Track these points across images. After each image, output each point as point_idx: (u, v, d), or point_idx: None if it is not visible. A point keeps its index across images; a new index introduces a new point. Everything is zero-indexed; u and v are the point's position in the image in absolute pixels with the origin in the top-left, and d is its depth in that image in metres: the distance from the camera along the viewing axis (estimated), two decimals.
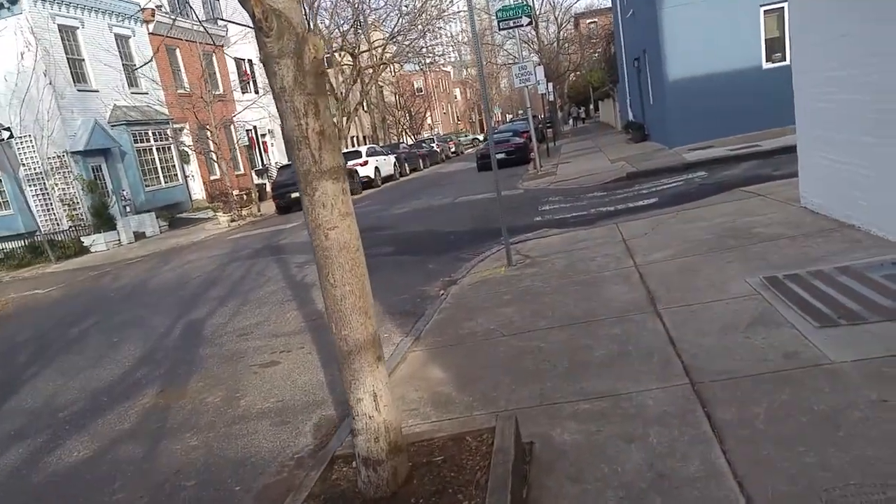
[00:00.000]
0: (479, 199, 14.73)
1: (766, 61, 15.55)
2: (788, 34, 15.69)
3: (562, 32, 46.66)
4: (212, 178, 25.53)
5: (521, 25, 16.84)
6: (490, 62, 55.34)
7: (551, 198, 12.85)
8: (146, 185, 21.23)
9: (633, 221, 8.07)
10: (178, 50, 24.65)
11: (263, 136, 30.61)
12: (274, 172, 27.27)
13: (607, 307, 4.76)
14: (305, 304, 7.18)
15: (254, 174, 28.88)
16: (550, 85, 35.63)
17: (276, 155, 31.25)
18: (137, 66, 22.30)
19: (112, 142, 20.10)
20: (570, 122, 59.05)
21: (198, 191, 25.07)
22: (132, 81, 22.05)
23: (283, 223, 17.45)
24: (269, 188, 25.39)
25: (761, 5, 15.16)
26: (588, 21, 56.45)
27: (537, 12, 42.35)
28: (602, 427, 3.04)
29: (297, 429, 4.06)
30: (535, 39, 43.98)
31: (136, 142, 20.91)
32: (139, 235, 19.82)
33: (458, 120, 79.15)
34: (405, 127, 43.58)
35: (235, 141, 23.06)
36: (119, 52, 21.87)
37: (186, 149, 23.62)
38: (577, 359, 3.92)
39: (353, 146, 39.19)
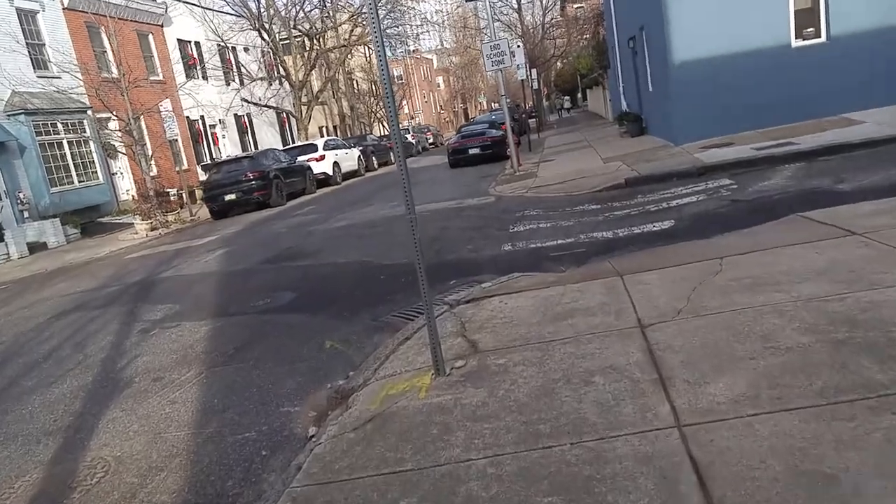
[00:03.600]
0: (440, 208, 11.69)
1: (796, 38, 12.56)
2: (825, 2, 12.85)
3: (547, 17, 43.44)
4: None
5: None
6: (472, 48, 52.09)
7: (528, 211, 9.83)
8: (54, 186, 17.88)
9: (649, 275, 5.03)
10: (102, 29, 21.17)
11: (213, 126, 27.25)
12: None
13: None
14: (78, 440, 4.07)
15: (200, 170, 25.56)
16: (534, 71, 32.60)
17: (229, 147, 27.92)
18: (47, 45, 18.93)
19: (5, 134, 16.73)
20: (560, 112, 55.78)
21: (128, 190, 21.74)
22: (39, 63, 18.63)
23: (203, 235, 14.27)
24: None
25: None
26: (576, 6, 53.24)
27: None
28: None
29: None
30: (518, 23, 40.82)
31: (38, 134, 17.52)
32: (38, 247, 16.53)
33: (441, 108, 75.81)
34: (378, 117, 40.28)
35: (165, 133, 19.73)
36: (23, 29, 18.42)
37: (112, 142, 20.23)
38: None
39: (323, 137, 35.93)
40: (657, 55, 14.28)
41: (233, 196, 17.20)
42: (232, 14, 25.10)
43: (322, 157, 22.05)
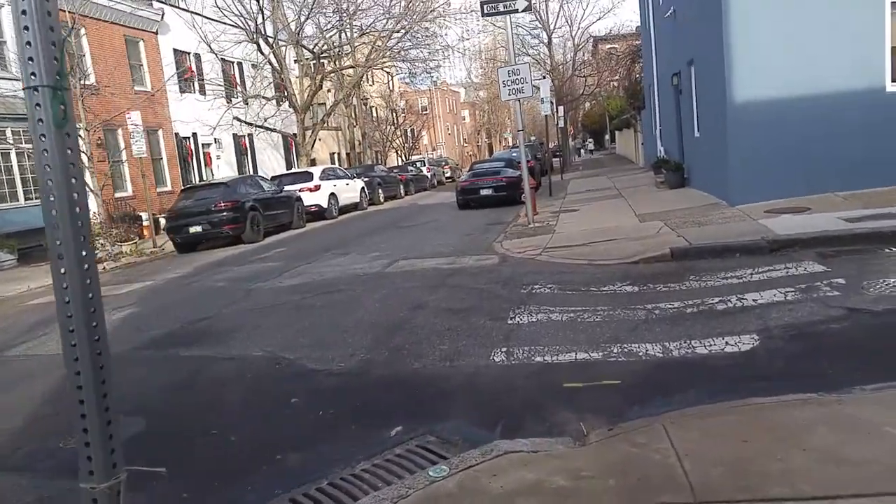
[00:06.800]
0: (427, 268, 9.07)
1: (893, 81, 9.91)
2: None
3: (579, 53, 41.22)
4: (117, 194, 19.96)
5: (515, 10, 11.40)
6: (496, 80, 50.11)
7: (539, 286, 7.17)
8: None
9: None
10: (84, 30, 19.21)
11: (207, 146, 25.11)
12: None
13: None
14: None
15: None
16: (561, 109, 30.27)
17: (223, 169, 25.75)
18: (8, 43, 16.93)
19: None
20: (580, 153, 53.08)
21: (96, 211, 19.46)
22: None
23: (141, 278, 11.76)
24: None
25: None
26: (608, 46, 51.18)
27: (550, 27, 37.27)
28: None
29: None
30: (548, 59, 38.72)
31: None
32: None
33: (465, 142, 73.90)
34: (395, 146, 38.03)
35: (124, 152, 17.45)
36: None
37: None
38: None
39: (335, 164, 33.77)
40: (710, 93, 11.69)
41: (198, 228, 14.75)
42: (226, 24, 22.88)
43: (317, 188, 19.66)
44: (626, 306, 5.99)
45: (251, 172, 26.55)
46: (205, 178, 24.28)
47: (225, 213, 14.76)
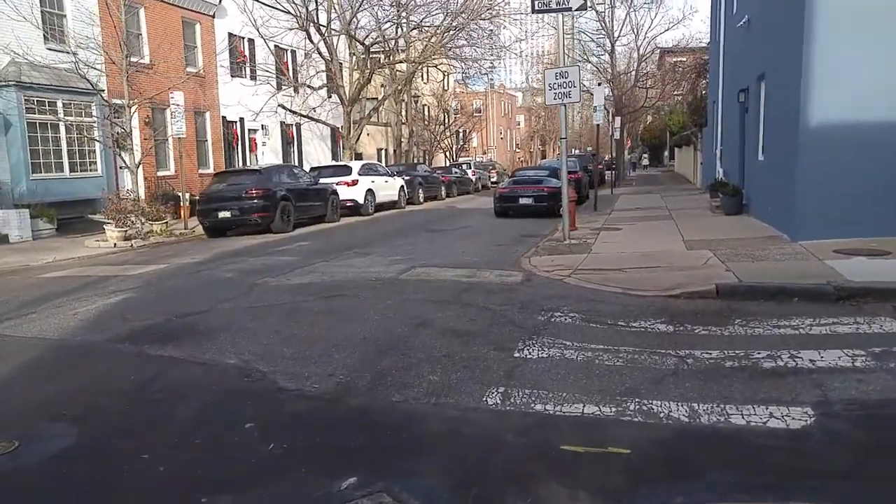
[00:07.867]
0: (443, 280, 8.34)
1: None
2: None
3: (644, 64, 39.66)
4: (160, 172, 20.00)
5: (568, 9, 10.55)
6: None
7: (559, 314, 6.34)
8: (37, 172, 15.63)
9: None
10: (142, 9, 19.28)
11: (254, 131, 25.03)
12: None
13: None
14: None
15: None
16: (619, 120, 29.09)
17: (268, 156, 25.65)
18: (68, 17, 17.05)
19: None
20: (631, 168, 51.06)
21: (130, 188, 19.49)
22: (53, 35, 16.69)
23: (159, 260, 11.44)
24: None
25: None
26: (675, 59, 49.34)
27: (614, 35, 36.09)
28: None
29: None
30: (610, 67, 37.49)
31: (30, 111, 15.38)
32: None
33: (518, 147, 72.79)
34: (443, 146, 37.42)
35: (169, 129, 17.26)
36: None
37: (122, 130, 17.93)
38: None
39: (382, 160, 33.43)
40: (781, 112, 10.55)
41: (227, 214, 14.45)
42: (278, 9, 22.57)
43: (354, 182, 19.22)
44: (656, 349, 5.12)
45: (296, 162, 26.42)
46: (248, 163, 24.22)
47: (255, 201, 14.43)
